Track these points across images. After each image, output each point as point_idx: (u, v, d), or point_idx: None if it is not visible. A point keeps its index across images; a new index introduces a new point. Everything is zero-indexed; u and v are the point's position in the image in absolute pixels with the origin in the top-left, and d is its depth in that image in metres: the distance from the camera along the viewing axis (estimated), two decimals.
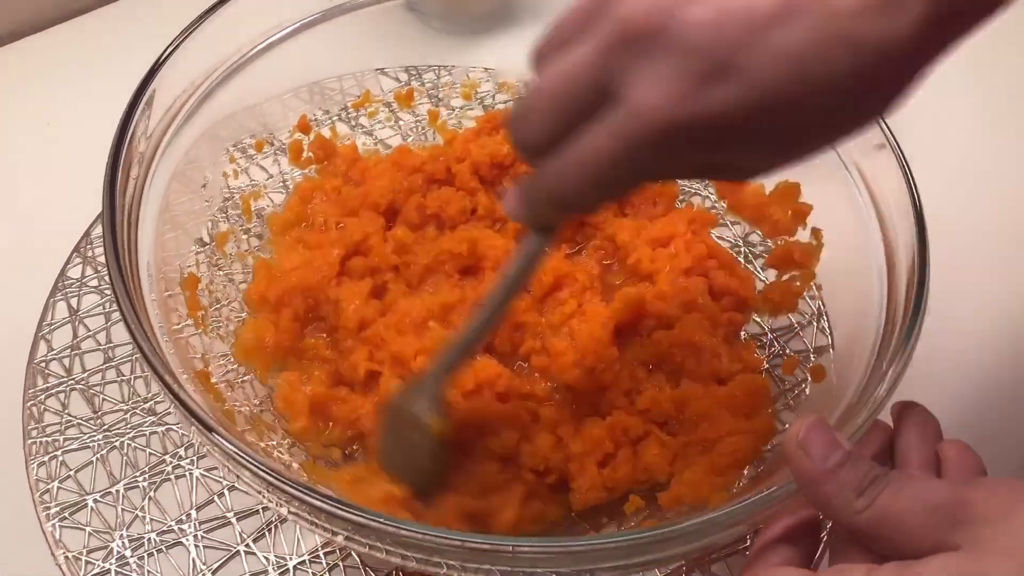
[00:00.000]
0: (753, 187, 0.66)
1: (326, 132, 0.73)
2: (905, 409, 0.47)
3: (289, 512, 0.46)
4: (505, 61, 0.77)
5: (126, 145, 0.55)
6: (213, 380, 0.57)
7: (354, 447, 0.60)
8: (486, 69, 0.78)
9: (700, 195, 0.72)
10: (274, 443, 0.58)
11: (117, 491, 0.61)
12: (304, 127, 0.72)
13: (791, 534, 0.45)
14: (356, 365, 0.60)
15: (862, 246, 0.57)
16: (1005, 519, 0.37)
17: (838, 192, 0.61)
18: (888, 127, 0.57)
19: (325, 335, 0.64)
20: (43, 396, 0.64)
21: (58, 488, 0.61)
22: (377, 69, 0.78)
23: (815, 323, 0.66)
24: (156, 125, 0.59)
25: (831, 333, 0.64)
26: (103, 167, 0.54)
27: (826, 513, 0.42)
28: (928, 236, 0.52)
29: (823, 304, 0.66)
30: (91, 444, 0.63)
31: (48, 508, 0.60)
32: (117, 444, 0.63)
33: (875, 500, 0.39)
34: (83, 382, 0.65)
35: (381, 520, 0.44)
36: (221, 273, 0.65)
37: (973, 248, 0.75)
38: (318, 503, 0.44)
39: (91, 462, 0.62)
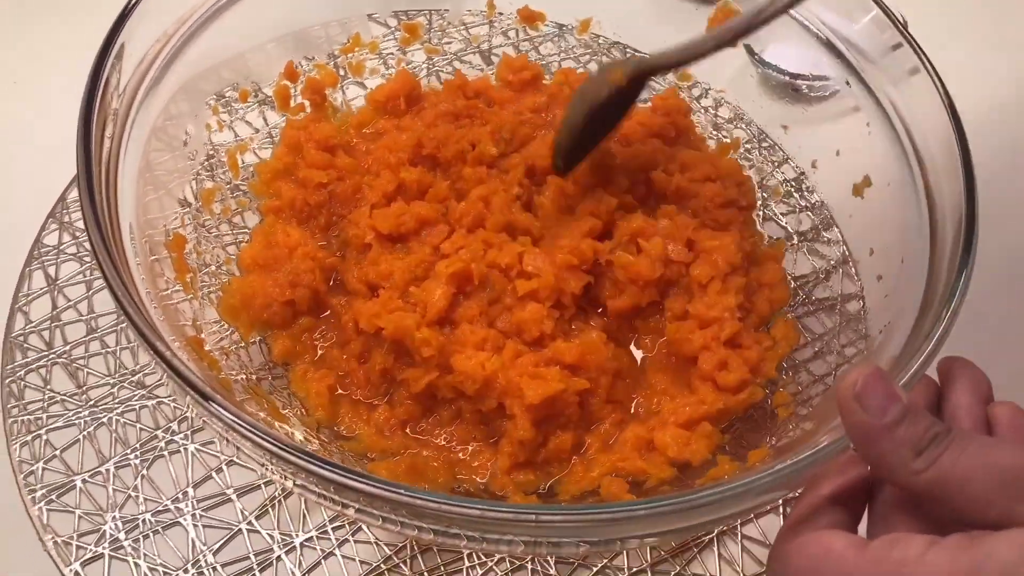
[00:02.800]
0: None
1: (316, 76, 0.68)
2: (954, 365, 0.44)
3: (296, 485, 0.43)
4: (502, 1, 0.72)
5: (97, 102, 0.51)
6: (207, 347, 0.53)
7: None
8: (481, 11, 0.74)
9: None
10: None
11: (107, 470, 0.57)
12: (291, 74, 0.67)
13: (840, 494, 0.41)
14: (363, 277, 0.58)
15: (899, 185, 0.54)
16: None
17: (865, 126, 0.57)
18: (919, 46, 0.53)
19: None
20: (23, 372, 0.60)
21: (43, 469, 0.57)
22: (367, 15, 0.73)
23: (840, 269, 0.62)
24: (129, 79, 0.54)
25: (860, 279, 0.60)
26: (76, 126, 0.49)
27: (881, 472, 0.39)
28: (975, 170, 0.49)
29: (848, 249, 0.63)
30: (77, 421, 0.59)
31: (33, 491, 0.56)
32: (105, 420, 0.59)
33: (936, 461, 0.36)
34: (65, 355, 0.61)
35: (396, 490, 0.40)
36: (209, 235, 0.61)
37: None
38: (328, 473, 0.40)
39: (78, 440, 0.58)
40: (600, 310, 0.59)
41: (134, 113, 0.55)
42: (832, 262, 0.63)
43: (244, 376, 0.55)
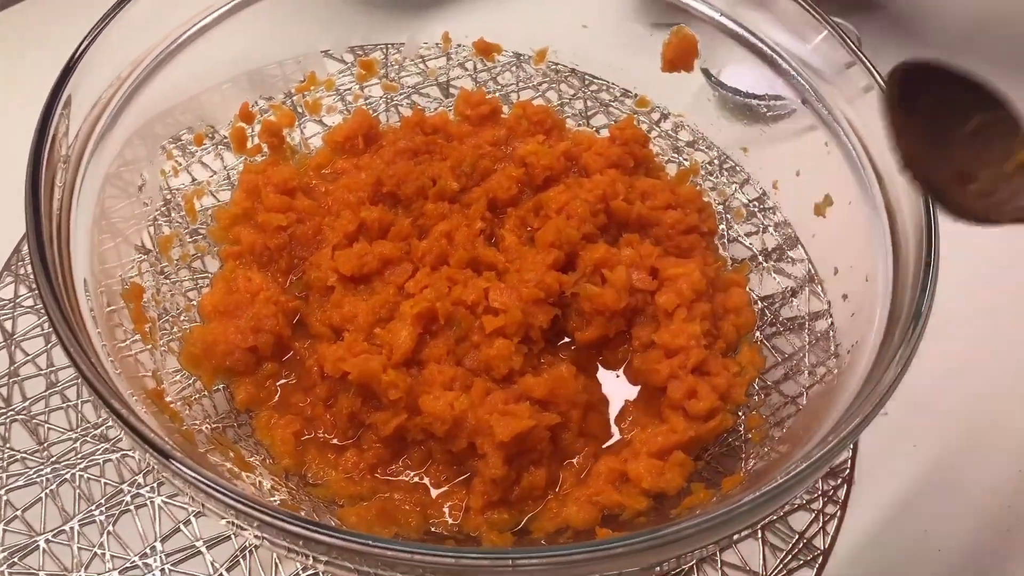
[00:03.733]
0: None
1: (271, 118, 0.68)
2: None
3: (263, 539, 0.42)
4: (458, 34, 0.72)
5: (46, 151, 0.50)
6: (168, 399, 0.52)
7: None
8: (437, 44, 0.74)
9: None
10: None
11: (71, 528, 0.56)
12: (246, 115, 0.66)
13: None
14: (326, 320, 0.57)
15: (859, 203, 0.54)
16: None
17: (823, 145, 0.58)
18: (872, 64, 0.53)
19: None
20: None
21: (4, 531, 0.55)
22: (321, 51, 0.73)
23: (806, 288, 0.62)
24: (80, 126, 0.54)
25: (826, 298, 0.60)
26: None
27: None
28: None
29: (813, 268, 0.62)
30: (38, 479, 0.57)
31: None
32: (68, 476, 0.57)
33: None
34: (25, 412, 0.60)
35: (366, 541, 0.39)
36: (168, 281, 0.60)
37: None
38: (293, 528, 0.40)
39: (40, 499, 0.56)
40: (568, 340, 0.59)
41: (86, 160, 0.54)
42: (798, 281, 0.63)
43: (208, 426, 0.54)
